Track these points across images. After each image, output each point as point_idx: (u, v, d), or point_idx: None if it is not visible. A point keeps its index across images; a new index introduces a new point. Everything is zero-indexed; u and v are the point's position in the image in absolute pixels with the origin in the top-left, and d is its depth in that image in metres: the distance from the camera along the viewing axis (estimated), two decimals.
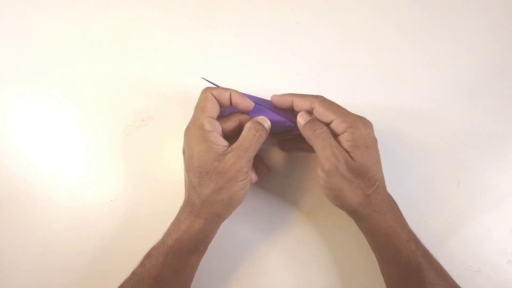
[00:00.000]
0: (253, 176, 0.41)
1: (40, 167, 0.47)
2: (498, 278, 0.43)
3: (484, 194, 0.46)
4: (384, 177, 0.38)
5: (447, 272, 0.37)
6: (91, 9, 0.53)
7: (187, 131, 0.38)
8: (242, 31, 0.52)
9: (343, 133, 0.36)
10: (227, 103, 0.38)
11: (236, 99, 0.38)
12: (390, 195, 0.38)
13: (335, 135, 0.37)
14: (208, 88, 0.38)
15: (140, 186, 0.46)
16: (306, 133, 0.38)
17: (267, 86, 0.50)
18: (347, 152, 0.36)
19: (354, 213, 0.38)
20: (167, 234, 0.37)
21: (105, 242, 0.44)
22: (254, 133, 0.37)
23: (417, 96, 0.49)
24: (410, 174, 0.46)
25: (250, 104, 0.39)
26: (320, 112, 0.37)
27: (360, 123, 0.37)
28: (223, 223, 0.39)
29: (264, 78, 0.50)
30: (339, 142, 0.37)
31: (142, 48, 0.52)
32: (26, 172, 0.47)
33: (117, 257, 0.44)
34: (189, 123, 0.38)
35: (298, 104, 0.39)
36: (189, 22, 0.53)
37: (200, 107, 0.37)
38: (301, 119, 0.38)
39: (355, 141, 0.36)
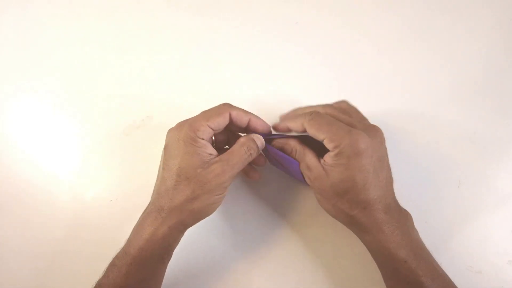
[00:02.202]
0: (256, 175, 0.42)
1: (40, 167, 0.47)
2: (499, 279, 0.42)
3: (485, 194, 0.45)
4: None
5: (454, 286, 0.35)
6: (91, 8, 0.53)
7: (179, 129, 0.35)
8: (242, 31, 0.52)
9: (331, 151, 0.35)
10: (242, 125, 0.38)
11: (257, 125, 0.38)
12: (392, 215, 0.35)
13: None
14: (229, 106, 0.37)
15: (140, 186, 0.46)
16: None
17: (266, 86, 0.50)
18: (330, 169, 0.35)
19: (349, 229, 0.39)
20: (129, 242, 0.36)
21: (104, 242, 0.44)
22: (245, 151, 0.36)
23: (418, 96, 0.49)
24: (410, 175, 0.46)
25: (268, 126, 0.39)
26: (311, 133, 0.36)
27: (351, 140, 0.34)
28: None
29: (263, 78, 0.50)
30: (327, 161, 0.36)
31: (142, 48, 0.52)
32: (26, 172, 0.47)
33: None
34: (184, 122, 0.36)
35: (293, 128, 0.38)
36: (189, 22, 0.53)
37: (207, 116, 0.36)
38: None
39: (338, 159, 0.34)
